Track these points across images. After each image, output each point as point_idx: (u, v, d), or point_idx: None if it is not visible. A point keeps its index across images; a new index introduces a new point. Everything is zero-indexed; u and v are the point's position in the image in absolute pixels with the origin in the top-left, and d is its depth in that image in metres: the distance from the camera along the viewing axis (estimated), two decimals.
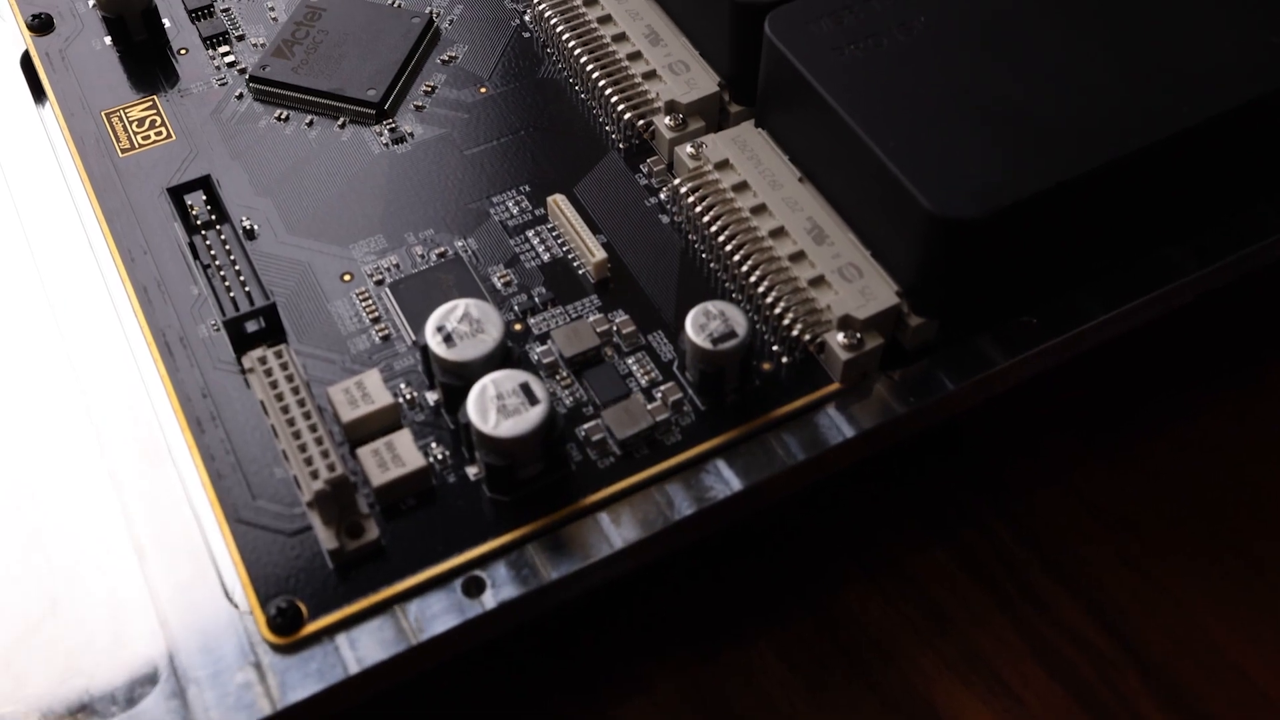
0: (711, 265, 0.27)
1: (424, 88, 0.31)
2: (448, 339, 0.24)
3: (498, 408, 0.23)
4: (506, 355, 0.25)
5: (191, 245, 0.27)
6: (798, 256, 0.26)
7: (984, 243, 0.24)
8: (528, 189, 0.29)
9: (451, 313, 0.25)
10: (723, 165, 0.28)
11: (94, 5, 0.32)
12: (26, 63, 0.32)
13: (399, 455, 0.24)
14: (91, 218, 0.29)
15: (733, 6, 0.27)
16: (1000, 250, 0.25)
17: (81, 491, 0.25)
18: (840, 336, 0.25)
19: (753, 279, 0.26)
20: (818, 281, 0.26)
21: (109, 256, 0.28)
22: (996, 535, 0.28)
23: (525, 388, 0.24)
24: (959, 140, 0.25)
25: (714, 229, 0.27)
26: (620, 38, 0.30)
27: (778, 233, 0.27)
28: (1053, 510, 0.28)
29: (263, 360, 0.25)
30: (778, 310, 0.26)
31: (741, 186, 0.27)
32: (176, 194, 0.28)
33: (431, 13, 0.32)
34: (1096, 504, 0.28)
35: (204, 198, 0.28)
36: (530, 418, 0.23)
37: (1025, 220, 0.24)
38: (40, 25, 0.32)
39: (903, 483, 0.29)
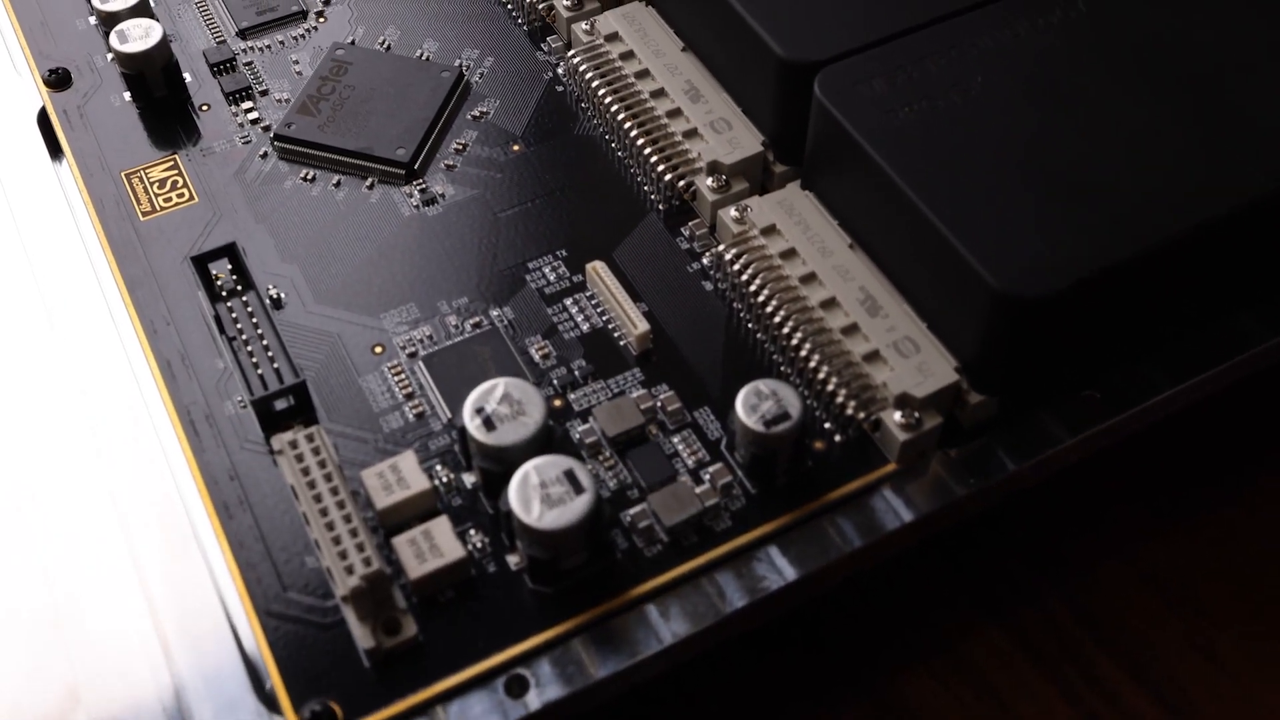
0: (759, 336, 0.26)
1: (455, 145, 0.30)
2: (487, 422, 0.23)
3: (541, 497, 0.22)
4: (548, 437, 0.24)
5: (217, 318, 0.26)
6: (850, 330, 0.25)
7: (1052, 320, 0.23)
8: (564, 254, 0.28)
9: (490, 393, 0.24)
10: (769, 230, 0.27)
11: (112, 60, 0.31)
12: (44, 119, 0.31)
13: (437, 545, 0.23)
14: (112, 285, 0.28)
15: (779, 65, 0.26)
16: (1068, 326, 0.24)
17: (104, 579, 0.24)
18: (897, 416, 0.24)
19: (803, 353, 0.25)
20: (872, 357, 0.25)
21: (130, 328, 0.27)
22: (1056, 615, 0.27)
23: (569, 475, 0.22)
24: (1023, 211, 0.24)
25: (761, 299, 0.26)
26: (659, 94, 0.29)
27: (829, 304, 0.25)
28: (1115, 588, 0.27)
29: (293, 444, 0.23)
30: (830, 387, 0.25)
31: (789, 254, 0.26)
32: (200, 263, 0.27)
33: (461, 66, 0.31)
34: (1162, 582, 0.27)
35: (229, 266, 0.27)
36: (575, 508, 0.22)
37: (1095, 295, 0.23)
38: (57, 81, 0.31)
39: (955, 557, 0.28)
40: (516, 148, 0.30)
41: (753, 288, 0.26)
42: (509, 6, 0.33)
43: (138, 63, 0.30)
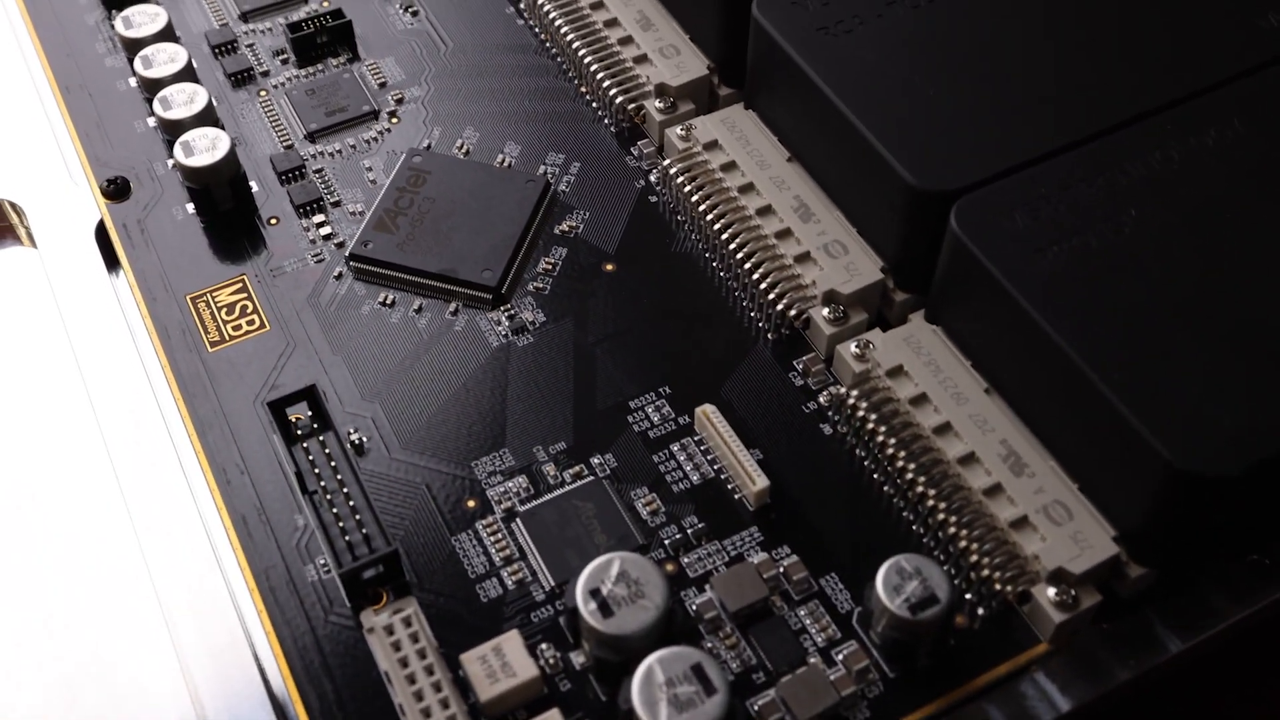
0: (886, 489, 0.24)
1: (543, 265, 0.28)
2: (603, 606, 0.21)
3: (668, 699, 0.20)
4: (669, 621, 0.21)
5: (298, 474, 0.24)
6: (994, 490, 0.23)
7: (1232, 495, 0.21)
8: (668, 391, 0.26)
9: (605, 572, 0.21)
10: (895, 371, 0.24)
11: (174, 167, 0.29)
12: (102, 233, 0.29)
13: None
14: (180, 426, 0.25)
15: (909, 193, 0.24)
16: (1247, 499, 0.21)
17: None
18: (1051, 593, 0.22)
19: (940, 515, 0.23)
20: (1020, 523, 0.22)
21: (201, 477, 0.25)
22: None
23: (699, 672, 0.20)
24: (1196, 371, 0.21)
25: (890, 451, 0.24)
26: (765, 211, 0.27)
27: (967, 460, 0.23)
28: None
29: (389, 629, 0.21)
30: (973, 558, 0.22)
31: (920, 399, 0.24)
32: (278, 408, 0.24)
33: (546, 174, 0.29)
34: None
35: (307, 409, 0.25)
36: (707, 712, 0.20)
37: None
38: (116, 191, 0.29)
39: None
40: (609, 267, 0.28)
41: (880, 437, 0.24)
42: (595, 105, 0.31)
43: (204, 177, 0.28)
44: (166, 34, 0.31)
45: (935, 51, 0.26)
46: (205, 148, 0.28)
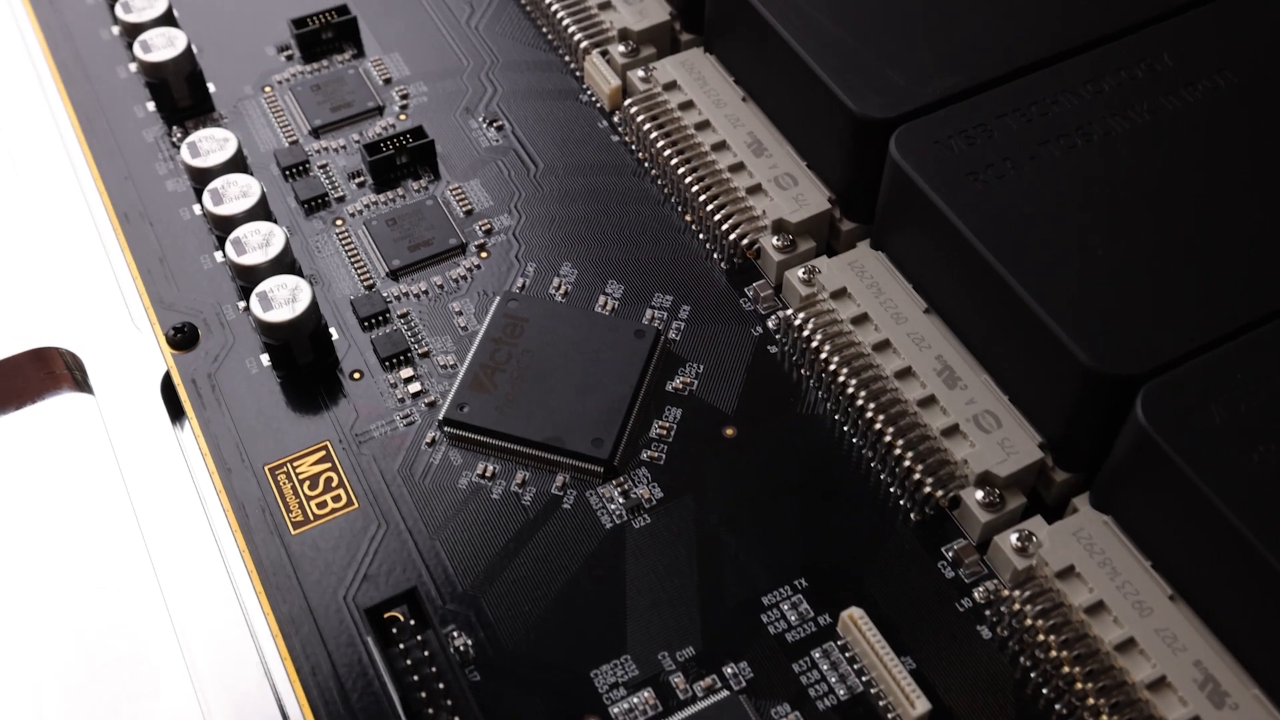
0: (1059, 708, 0.21)
1: (657, 430, 0.25)
2: None
3: None
4: None
5: (403, 699, 0.21)
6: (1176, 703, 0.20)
7: None
8: (804, 584, 0.23)
9: None
10: (1066, 573, 0.22)
11: (245, 311, 0.27)
12: (168, 387, 0.27)
13: None
14: (264, 627, 0.23)
15: (1086, 376, 0.21)
16: None
17: None
18: None
19: None
20: None
21: (289, 686, 0.22)
22: None
23: None
24: None
25: (1065, 669, 0.21)
26: (906, 374, 0.24)
27: (1157, 685, 0.21)
28: None
29: None
30: None
31: (1097, 608, 0.21)
32: (375, 614, 0.22)
33: (656, 323, 0.27)
34: None
35: (406, 609, 0.22)
36: None
37: None
38: (183, 340, 0.26)
39: None
40: (729, 431, 0.25)
41: (1053, 652, 0.21)
42: (702, 236, 0.28)
43: (283, 333, 0.25)
44: (236, 162, 0.28)
45: (1101, 201, 0.23)
46: (285, 300, 0.25)
